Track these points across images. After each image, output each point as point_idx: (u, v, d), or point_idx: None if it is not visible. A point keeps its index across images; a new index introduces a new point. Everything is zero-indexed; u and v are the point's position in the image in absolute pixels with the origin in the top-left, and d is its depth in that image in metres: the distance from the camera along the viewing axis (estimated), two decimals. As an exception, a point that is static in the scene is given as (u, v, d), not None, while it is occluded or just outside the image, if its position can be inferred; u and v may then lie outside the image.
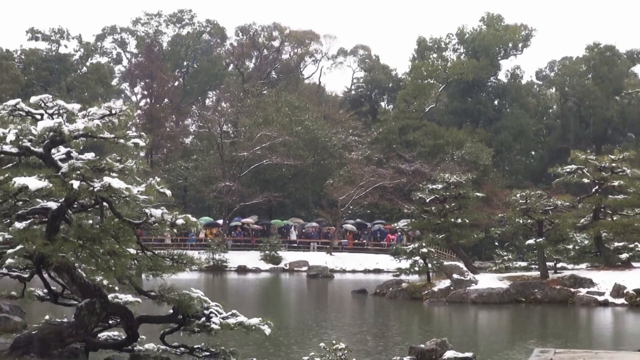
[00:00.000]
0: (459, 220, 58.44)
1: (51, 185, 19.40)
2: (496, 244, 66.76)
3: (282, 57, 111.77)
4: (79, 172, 19.82)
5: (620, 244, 57.31)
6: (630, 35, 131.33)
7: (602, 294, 48.41)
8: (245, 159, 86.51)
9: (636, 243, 56.40)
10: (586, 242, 58.24)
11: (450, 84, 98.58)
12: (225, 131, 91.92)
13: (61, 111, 21.54)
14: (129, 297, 21.83)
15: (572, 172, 59.90)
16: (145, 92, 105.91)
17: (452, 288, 50.20)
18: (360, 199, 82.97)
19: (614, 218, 57.73)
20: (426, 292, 50.45)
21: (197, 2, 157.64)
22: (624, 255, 56.94)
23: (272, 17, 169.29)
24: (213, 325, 21.26)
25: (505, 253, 64.83)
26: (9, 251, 19.73)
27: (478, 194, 62.74)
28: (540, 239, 55.61)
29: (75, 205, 20.73)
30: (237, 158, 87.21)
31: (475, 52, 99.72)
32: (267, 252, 76.87)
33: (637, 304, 45.34)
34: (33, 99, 22.14)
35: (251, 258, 76.15)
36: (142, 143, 22.36)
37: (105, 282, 21.33)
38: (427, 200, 59.54)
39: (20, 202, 20.38)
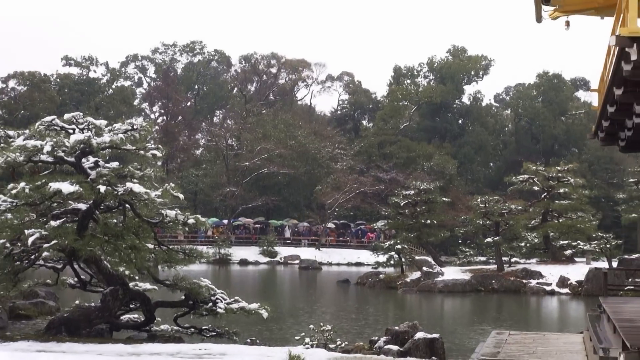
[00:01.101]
0: (428, 221, 58.84)
1: (81, 189, 19.52)
2: (460, 241, 66.84)
3: (279, 82, 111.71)
4: (105, 178, 19.97)
5: (565, 242, 57.55)
6: (575, 64, 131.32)
7: (549, 284, 48.77)
8: (247, 168, 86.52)
9: (578, 241, 56.69)
10: (536, 240, 58.49)
11: (421, 106, 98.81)
12: (230, 144, 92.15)
13: (90, 126, 21.68)
14: (147, 285, 21.94)
15: (524, 181, 60.33)
16: (162, 111, 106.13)
17: (422, 279, 50.42)
18: (345, 202, 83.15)
19: (560, 220, 58.01)
20: (400, 282, 50.67)
21: (206, 33, 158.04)
22: (568, 252, 57.22)
23: (271, 46, 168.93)
24: (219, 310, 21.35)
25: (467, 249, 64.93)
26: (45, 245, 19.81)
27: (444, 199, 63.04)
28: (497, 238, 56.01)
29: (101, 207, 20.86)
30: (239, 167, 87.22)
31: (442, 79, 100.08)
32: (265, 247, 76.91)
33: (579, 293, 45.66)
34: (66, 116, 22.28)
35: (251, 252, 76.12)
36: (159, 154, 22.57)
37: (127, 272, 21.43)
38: (401, 204, 59.76)
39: (55, 204, 20.49)
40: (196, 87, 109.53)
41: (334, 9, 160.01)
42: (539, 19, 19.45)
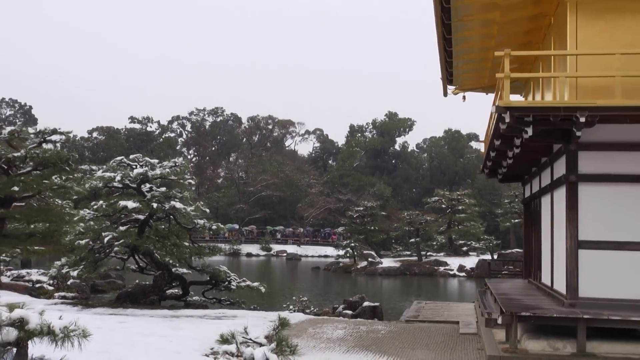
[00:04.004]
0: (372, 228, 58.92)
1: (141, 205, 19.46)
2: (393, 241, 66.69)
3: (273, 134, 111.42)
4: (156, 198, 19.89)
5: (463, 241, 57.95)
6: (469, 123, 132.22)
7: (452, 270, 48.97)
8: (252, 192, 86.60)
9: (471, 241, 57.12)
10: (443, 240, 58.70)
11: (367, 151, 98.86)
12: (240, 176, 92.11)
13: (147, 164, 21.65)
14: (184, 270, 21.80)
15: (435, 201, 60.55)
16: (195, 154, 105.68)
17: (367, 266, 50.48)
18: (317, 215, 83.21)
19: (459, 227, 58.20)
20: (353, 268, 50.65)
21: (225, 99, 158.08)
22: (465, 248, 57.64)
23: (268, 109, 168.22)
24: (232, 287, 21.26)
25: (398, 247, 64.92)
26: (116, 243, 19.72)
27: (383, 213, 63.00)
28: (418, 239, 56.24)
29: (154, 217, 20.76)
30: (247, 191, 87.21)
31: (381, 133, 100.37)
32: (263, 245, 76.50)
33: (472, 276, 45.86)
34: (131, 157, 22.28)
35: (254, 248, 75.73)
36: (192, 182, 22.65)
37: (170, 261, 21.29)
38: (354, 216, 59.82)
39: (123, 215, 20.38)
40: (218, 137, 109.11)
41: (312, 85, 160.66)
42: (445, 94, 19.62)
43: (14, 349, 5.80)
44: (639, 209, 11.89)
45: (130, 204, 19.43)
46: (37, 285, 24.58)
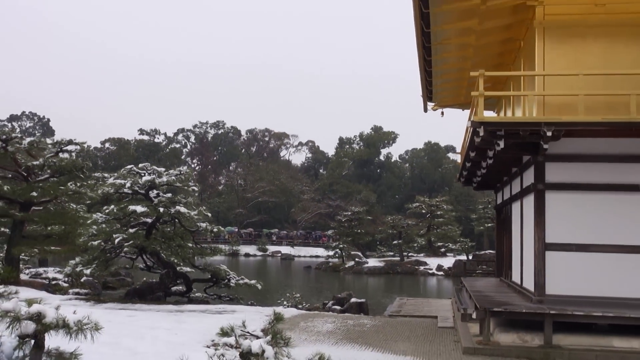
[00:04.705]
0: (359, 231, 58.86)
1: (148, 210, 19.39)
2: (377, 243, 66.72)
3: (269, 146, 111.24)
4: (163, 203, 19.81)
5: (441, 243, 57.88)
6: (447, 136, 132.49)
7: (431, 269, 48.95)
8: (250, 198, 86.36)
9: (449, 243, 57.04)
10: (423, 242, 58.69)
11: (355, 161, 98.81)
12: (240, 183, 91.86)
13: (154, 172, 21.56)
14: (188, 269, 21.72)
15: (416, 207, 60.58)
16: (199, 163, 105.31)
17: (354, 266, 50.38)
18: (309, 219, 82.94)
19: (438, 230, 58.28)
20: (341, 267, 50.54)
21: (226, 113, 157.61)
22: (442, 250, 57.56)
23: (265, 122, 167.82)
24: (231, 284, 21.18)
25: (382, 248, 64.96)
26: (125, 244, 19.63)
27: (369, 217, 63.07)
28: (400, 241, 56.22)
29: (160, 221, 20.67)
30: (245, 197, 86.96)
31: (367, 145, 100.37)
32: (260, 246, 76.32)
33: (449, 274, 45.80)
34: (140, 166, 22.22)
35: (252, 249, 75.52)
36: (196, 189, 22.57)
37: (175, 260, 21.19)
38: (343, 220, 59.78)
39: (132, 219, 20.28)
40: (219, 148, 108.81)
41: (306, 101, 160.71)
42: (425, 109, 19.69)
43: (32, 341, 5.80)
44: (600, 215, 11.96)
45: (139, 209, 19.39)
46: (53, 282, 24.42)
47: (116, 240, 19.36)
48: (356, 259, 52.86)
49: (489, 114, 18.78)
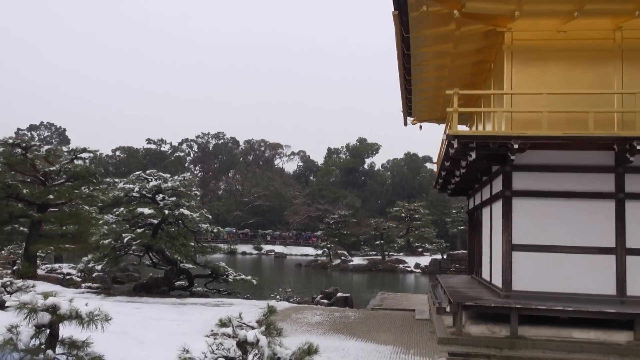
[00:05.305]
0: (345, 232, 58.85)
1: (155, 212, 19.30)
2: (362, 243, 66.65)
3: (265, 155, 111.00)
4: (168, 206, 19.74)
5: (418, 244, 57.89)
6: (425, 147, 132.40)
7: (410, 267, 48.90)
8: (246, 202, 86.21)
9: (425, 244, 57.10)
10: (402, 242, 58.72)
11: (342, 169, 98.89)
12: (237, 188, 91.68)
13: (160, 178, 21.51)
14: (190, 265, 21.63)
15: (397, 211, 60.63)
16: (201, 170, 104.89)
17: (341, 263, 50.29)
18: (300, 221, 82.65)
19: (416, 232, 58.36)
20: (329, 265, 50.45)
21: (226, 124, 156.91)
22: (420, 249, 57.60)
23: (261, 133, 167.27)
24: (229, 279, 21.11)
25: (366, 248, 64.91)
26: (133, 243, 19.53)
27: (354, 220, 63.08)
28: (382, 241, 56.17)
29: (166, 222, 20.58)
30: (243, 201, 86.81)
31: (353, 155, 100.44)
32: (256, 245, 76.11)
33: (426, 272, 45.78)
34: (147, 172, 22.24)
35: (248, 248, 75.25)
36: (198, 193, 22.49)
37: (179, 258, 21.10)
38: (330, 222, 59.75)
39: (140, 220, 20.19)
40: (219, 156, 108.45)
41: (298, 115, 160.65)
42: (405, 123, 19.75)
43: (47, 330, 5.78)
44: (561, 219, 12.05)
45: (146, 211, 19.33)
46: (68, 277, 24.23)
47: (125, 239, 19.26)
48: (342, 258, 52.83)
49: (463, 128, 18.84)
